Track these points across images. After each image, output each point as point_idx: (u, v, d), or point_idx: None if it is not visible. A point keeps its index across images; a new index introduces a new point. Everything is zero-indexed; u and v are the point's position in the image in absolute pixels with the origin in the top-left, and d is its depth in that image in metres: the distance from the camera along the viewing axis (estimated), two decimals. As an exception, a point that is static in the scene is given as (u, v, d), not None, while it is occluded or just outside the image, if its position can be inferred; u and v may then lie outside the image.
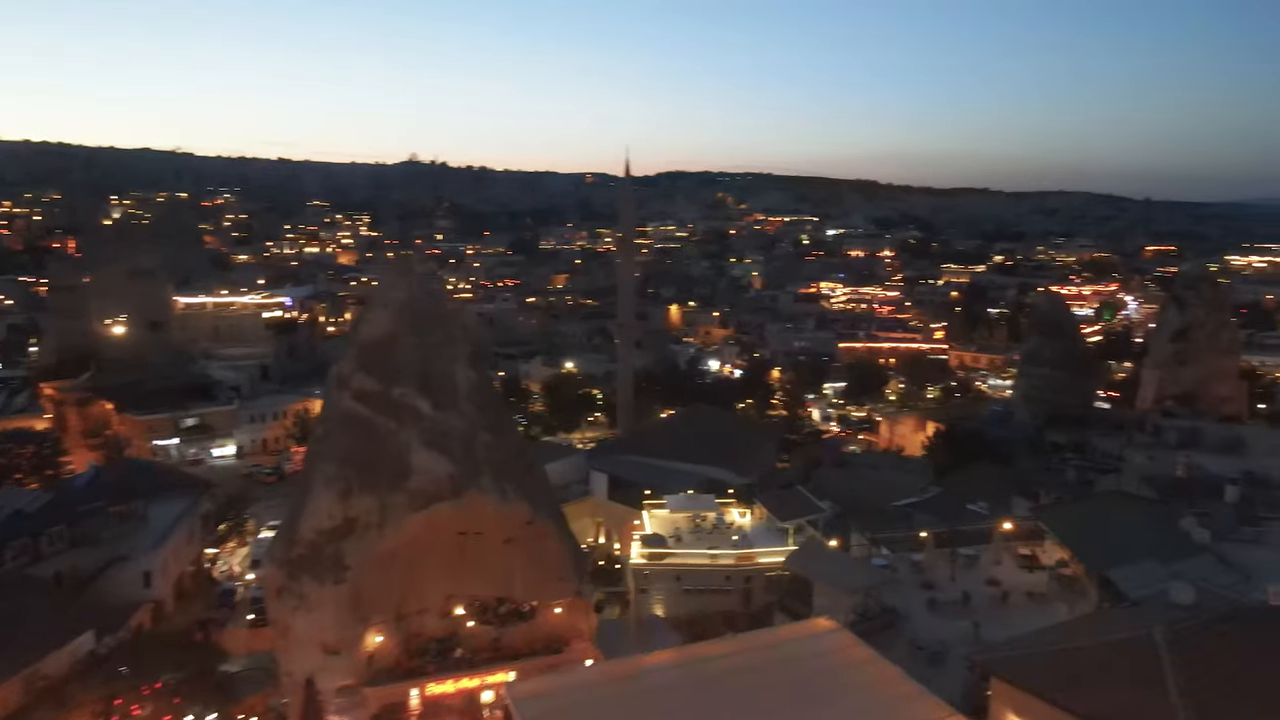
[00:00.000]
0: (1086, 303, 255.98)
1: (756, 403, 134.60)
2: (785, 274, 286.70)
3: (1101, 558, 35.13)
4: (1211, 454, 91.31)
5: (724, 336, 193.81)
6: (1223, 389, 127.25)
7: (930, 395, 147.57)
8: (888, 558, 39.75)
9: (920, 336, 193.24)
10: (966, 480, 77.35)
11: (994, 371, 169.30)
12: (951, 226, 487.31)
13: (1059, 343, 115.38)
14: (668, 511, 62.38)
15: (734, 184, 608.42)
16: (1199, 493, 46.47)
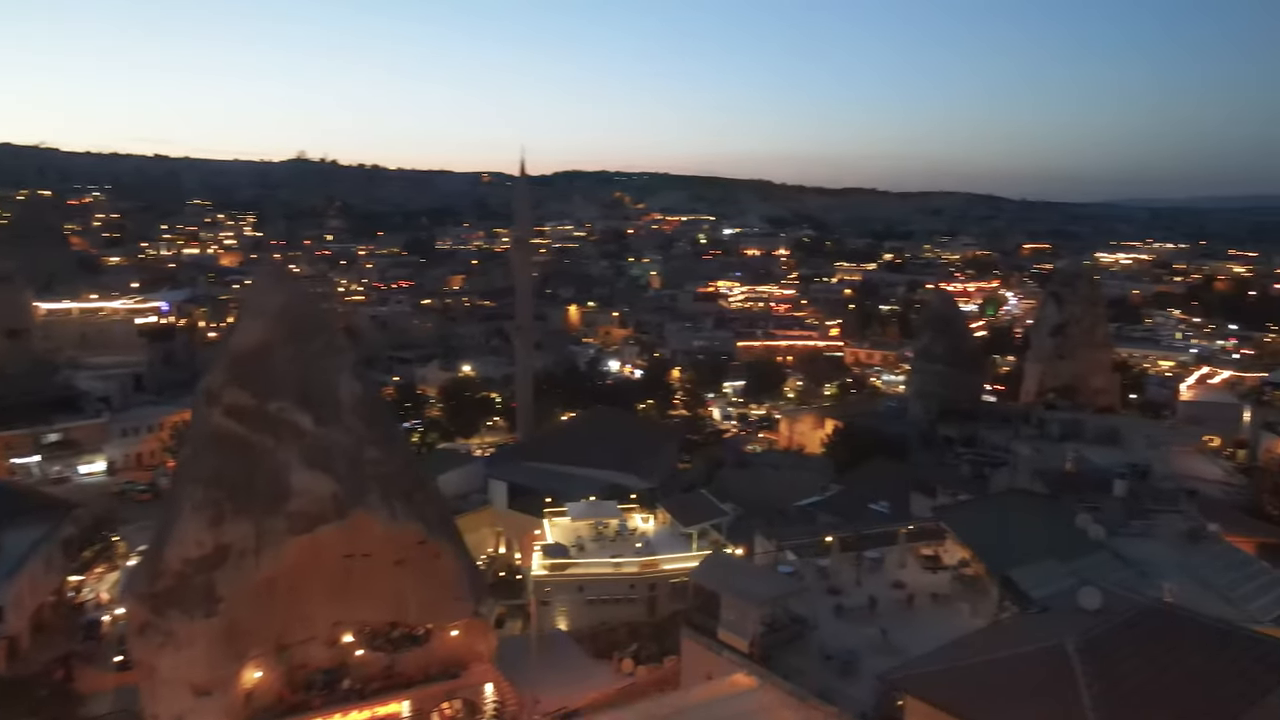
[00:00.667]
0: (971, 299, 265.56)
1: (658, 403, 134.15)
2: (683, 273, 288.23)
3: (1002, 557, 35.15)
4: (1092, 445, 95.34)
5: (624, 336, 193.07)
6: (1098, 381, 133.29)
7: (828, 392, 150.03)
8: (793, 564, 39.07)
9: (816, 334, 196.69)
10: (866, 477, 78.25)
11: (887, 367, 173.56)
12: (844, 225, 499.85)
13: (949, 339, 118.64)
14: (569, 520, 60.69)
15: (631, 183, 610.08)
16: (1088, 487, 47.62)
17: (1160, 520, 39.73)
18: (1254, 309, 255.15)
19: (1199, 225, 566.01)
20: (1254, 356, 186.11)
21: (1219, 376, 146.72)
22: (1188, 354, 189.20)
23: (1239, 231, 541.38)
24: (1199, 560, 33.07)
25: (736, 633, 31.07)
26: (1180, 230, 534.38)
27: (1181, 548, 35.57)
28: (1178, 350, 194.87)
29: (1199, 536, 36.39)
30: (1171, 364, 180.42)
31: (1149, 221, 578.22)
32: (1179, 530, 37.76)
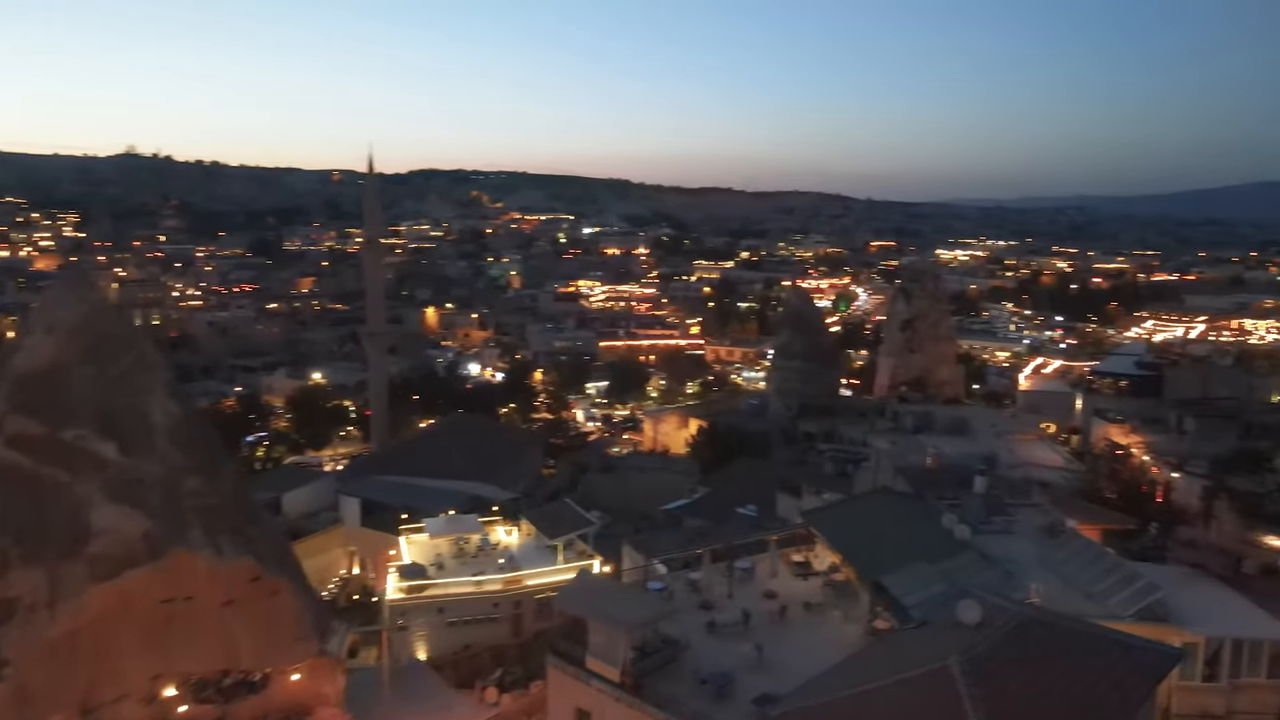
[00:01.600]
0: (824, 295, 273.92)
1: (520, 406, 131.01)
2: (544, 273, 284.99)
3: (872, 561, 34.53)
4: (943, 435, 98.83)
5: (484, 339, 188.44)
6: (944, 373, 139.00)
7: (690, 390, 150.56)
8: (664, 578, 37.40)
9: (677, 332, 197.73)
10: (732, 478, 77.95)
11: (748, 364, 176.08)
12: (701, 224, 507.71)
13: (807, 336, 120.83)
14: (427, 537, 57.23)
15: (489, 182, 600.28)
16: (948, 483, 48.21)
17: (1019, 516, 40.31)
18: (1076, 301, 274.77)
19: (1024, 224, 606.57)
20: (1078, 346, 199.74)
21: (1051, 366, 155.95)
22: (1021, 345, 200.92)
23: (1059, 229, 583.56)
24: (1059, 556, 33.43)
25: (606, 660, 29.02)
26: (1008, 228, 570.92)
27: (1041, 543, 36.01)
28: (1012, 341, 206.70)
29: (1057, 531, 37.01)
30: (1008, 354, 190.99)
31: (981, 220, 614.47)
32: (1038, 525, 38.38)
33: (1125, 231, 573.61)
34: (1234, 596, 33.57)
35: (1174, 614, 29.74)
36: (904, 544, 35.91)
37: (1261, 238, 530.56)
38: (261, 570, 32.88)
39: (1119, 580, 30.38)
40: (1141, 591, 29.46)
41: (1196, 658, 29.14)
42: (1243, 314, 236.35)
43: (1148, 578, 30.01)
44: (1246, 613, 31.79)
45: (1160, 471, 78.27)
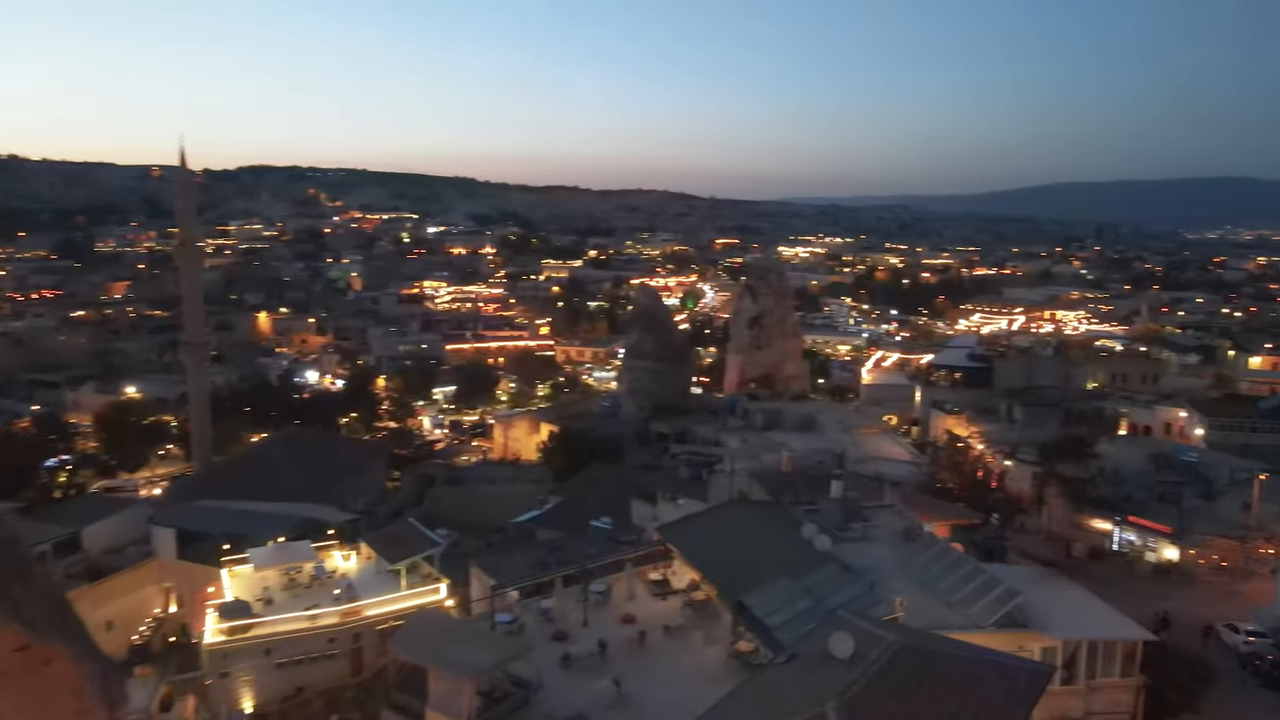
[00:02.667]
0: (672, 293, 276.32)
1: (362, 415, 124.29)
2: (386, 274, 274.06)
3: (732, 579, 32.99)
4: (793, 432, 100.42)
5: (322, 344, 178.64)
6: (791, 368, 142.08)
7: (541, 392, 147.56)
8: (514, 609, 34.63)
9: (527, 333, 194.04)
10: (585, 485, 75.65)
11: (598, 364, 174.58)
12: (548, 222, 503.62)
13: (657, 335, 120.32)
14: (252, 568, 51.94)
15: (327, 180, 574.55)
16: (804, 486, 47.65)
17: (876, 519, 39.89)
18: (908, 295, 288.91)
19: (857, 221, 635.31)
20: (912, 338, 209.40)
21: (890, 359, 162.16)
22: (861, 338, 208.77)
23: (889, 227, 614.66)
24: (919, 562, 32.93)
25: (448, 713, 26.02)
26: (843, 225, 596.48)
27: (899, 548, 35.54)
28: (852, 335, 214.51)
29: (914, 535, 36.69)
30: (849, 348, 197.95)
31: (817, 218, 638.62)
32: (895, 529, 37.99)
33: (948, 229, 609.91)
34: (1082, 594, 34.08)
35: (1032, 619, 29.60)
36: (764, 558, 34.56)
37: (1064, 234, 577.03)
38: (30, 638, 27.72)
39: (978, 587, 30.00)
40: (1001, 599, 29.14)
41: (1055, 661, 29.07)
42: (1054, 305, 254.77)
43: (1006, 583, 29.79)
44: (1097, 611, 32.22)
45: (995, 460, 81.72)
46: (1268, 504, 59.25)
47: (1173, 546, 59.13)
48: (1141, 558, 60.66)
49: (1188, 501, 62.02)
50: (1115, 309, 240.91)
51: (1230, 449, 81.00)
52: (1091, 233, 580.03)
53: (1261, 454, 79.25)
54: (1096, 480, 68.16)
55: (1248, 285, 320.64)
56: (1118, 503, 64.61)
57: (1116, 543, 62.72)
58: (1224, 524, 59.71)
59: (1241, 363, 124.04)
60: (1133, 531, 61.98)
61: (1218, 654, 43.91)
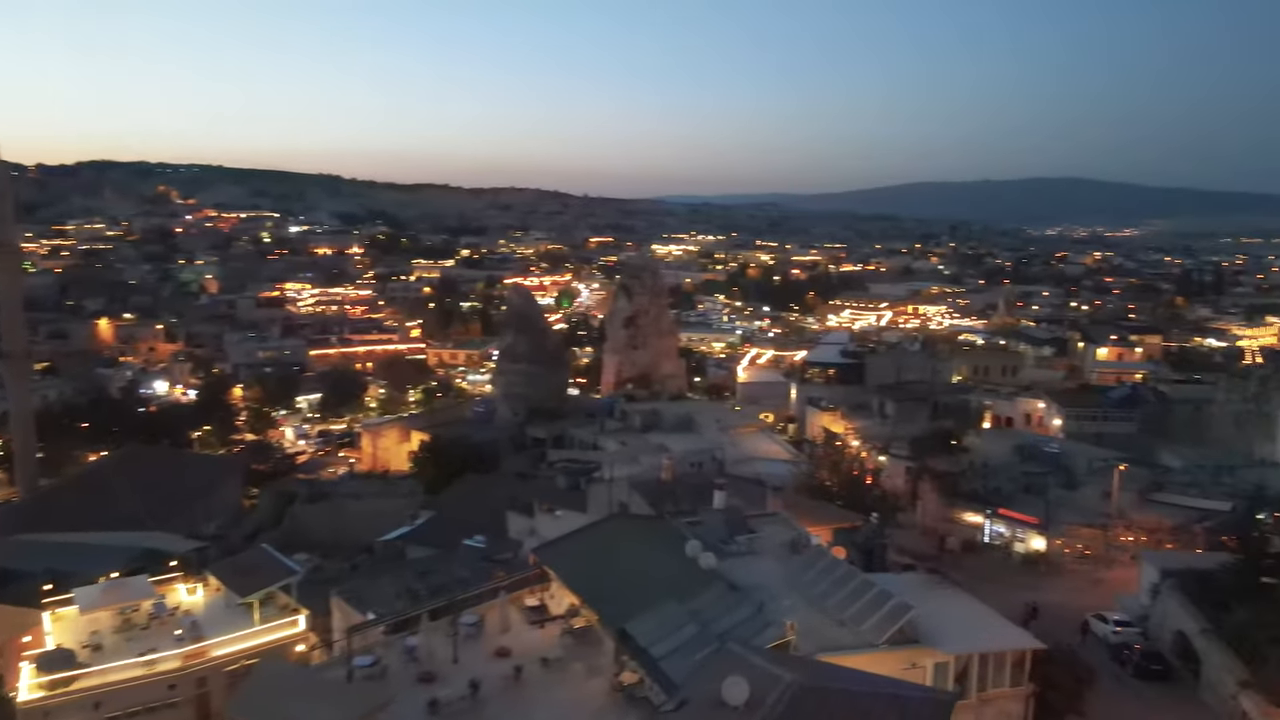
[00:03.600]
0: (547, 292, 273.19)
1: (217, 428, 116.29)
2: (245, 276, 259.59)
3: (614, 604, 30.88)
4: (671, 433, 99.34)
5: (173, 352, 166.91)
6: (668, 367, 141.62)
7: (412, 398, 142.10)
8: (375, 649, 31.46)
9: (397, 336, 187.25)
10: (459, 497, 72.23)
11: (472, 367, 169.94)
12: (418, 221, 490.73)
13: (531, 336, 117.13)
14: (78, 611, 46.47)
15: (178, 176, 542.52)
16: (686, 496, 46.03)
17: (761, 530, 38.57)
18: (780, 292, 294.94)
19: (729, 219, 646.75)
20: (785, 334, 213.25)
21: (764, 356, 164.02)
22: (735, 335, 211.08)
23: (760, 225, 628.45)
24: (807, 578, 31.67)
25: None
26: (715, 223, 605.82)
27: (786, 561, 34.23)
28: (726, 332, 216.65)
29: (800, 547, 35.48)
30: (724, 345, 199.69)
31: (690, 216, 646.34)
32: (781, 541, 36.71)
33: (816, 226, 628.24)
34: (968, 602, 33.65)
35: (924, 634, 28.70)
36: (647, 579, 32.59)
37: (922, 231, 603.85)
38: None
39: (869, 603, 28.89)
40: (892, 615, 28.10)
41: (948, 676, 28.27)
42: (917, 300, 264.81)
43: (896, 597, 28.80)
44: (984, 620, 31.77)
45: (870, 456, 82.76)
46: (1126, 492, 61.60)
47: (1040, 537, 60.72)
48: (1012, 549, 62.10)
49: (1052, 492, 63.89)
50: (972, 303, 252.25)
51: (1085, 438, 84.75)
52: (947, 230, 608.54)
53: (1112, 442, 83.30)
54: (967, 474, 69.61)
55: (1087, 279, 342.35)
56: (988, 495, 66.07)
57: (988, 535, 64.08)
58: (1086, 513, 61.76)
59: (1090, 354, 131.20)
60: (1003, 524, 63.42)
61: (1091, 647, 44.85)
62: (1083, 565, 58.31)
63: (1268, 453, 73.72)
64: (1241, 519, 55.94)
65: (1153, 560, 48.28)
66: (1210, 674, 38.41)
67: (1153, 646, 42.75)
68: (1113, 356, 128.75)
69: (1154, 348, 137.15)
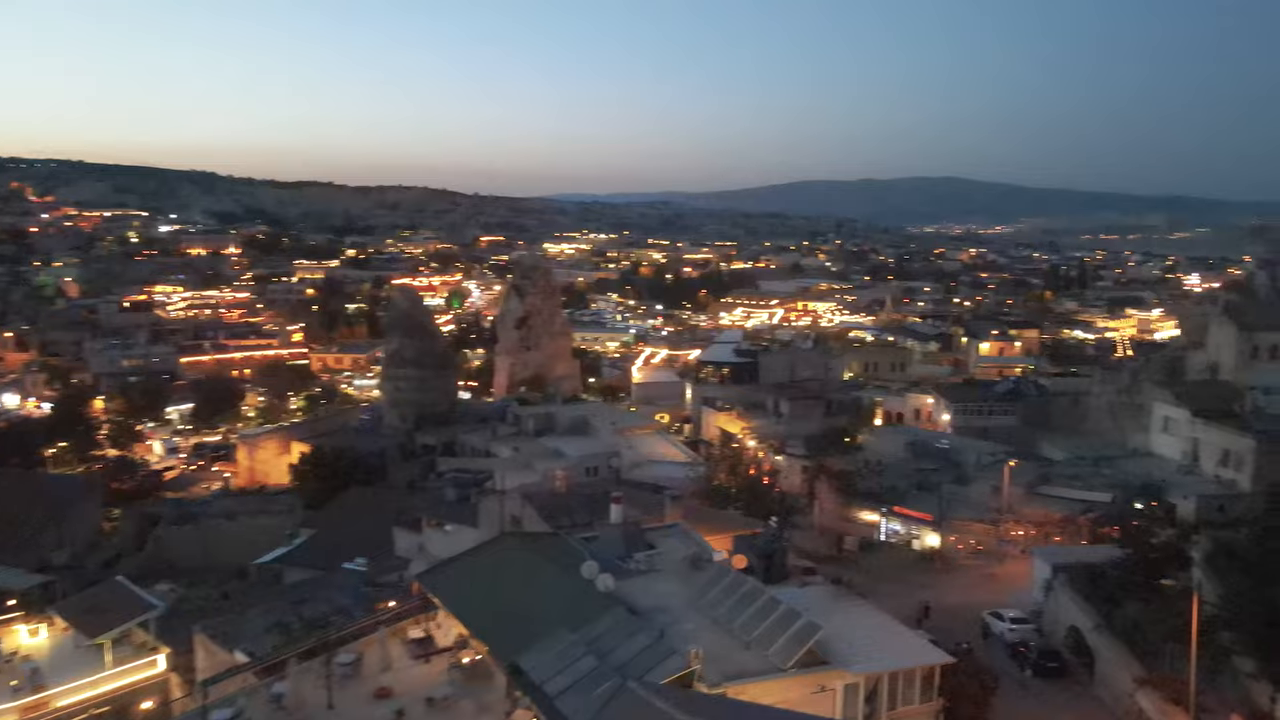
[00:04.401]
0: (436, 292, 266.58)
1: (75, 444, 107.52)
2: (109, 278, 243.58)
3: (506, 632, 28.68)
4: (566, 436, 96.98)
5: (24, 361, 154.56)
6: (562, 368, 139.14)
7: (294, 405, 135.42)
8: (236, 699, 28.28)
9: (277, 341, 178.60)
10: (342, 513, 68.15)
11: (359, 372, 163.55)
12: (301, 221, 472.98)
13: (419, 340, 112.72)
14: (-105, 664, 41.31)
15: (33, 172, 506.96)
16: (581, 508, 43.95)
17: (661, 543, 36.83)
18: (672, 290, 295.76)
19: (620, 218, 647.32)
20: (678, 333, 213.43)
21: (659, 355, 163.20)
22: (629, 334, 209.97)
23: (651, 223, 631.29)
24: (710, 597, 30.04)
25: None
26: (607, 222, 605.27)
27: (688, 579, 32.53)
28: (620, 331, 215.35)
29: (701, 563, 33.85)
30: (618, 344, 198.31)
31: (581, 215, 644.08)
32: (681, 557, 35.02)
33: (706, 224, 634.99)
34: (874, 614, 32.72)
35: (832, 653, 27.45)
36: (541, 605, 30.41)
37: (809, 228, 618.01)
38: None
39: (776, 623, 27.45)
40: (800, 636, 26.72)
41: (858, 698, 27.10)
42: (806, 297, 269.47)
43: (803, 617, 27.45)
44: (893, 635, 30.87)
45: (767, 456, 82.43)
46: (1014, 487, 62.67)
47: (934, 534, 61.17)
48: (908, 547, 62.40)
49: (945, 489, 64.53)
50: (859, 299, 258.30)
51: (972, 432, 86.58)
52: (833, 227, 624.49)
53: (997, 436, 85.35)
54: (862, 472, 69.77)
55: (964, 275, 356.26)
56: (883, 494, 66.33)
57: (884, 533, 64.26)
58: (978, 508, 62.57)
59: (974, 349, 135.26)
60: (898, 521, 63.71)
61: (990, 645, 44.94)
62: (976, 561, 58.95)
63: (1140, 442, 76.57)
64: (1123, 509, 57.48)
65: (1044, 556, 48.86)
66: (1105, 670, 38.75)
67: (1049, 644, 43.07)
68: (994, 351, 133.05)
69: (1032, 342, 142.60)
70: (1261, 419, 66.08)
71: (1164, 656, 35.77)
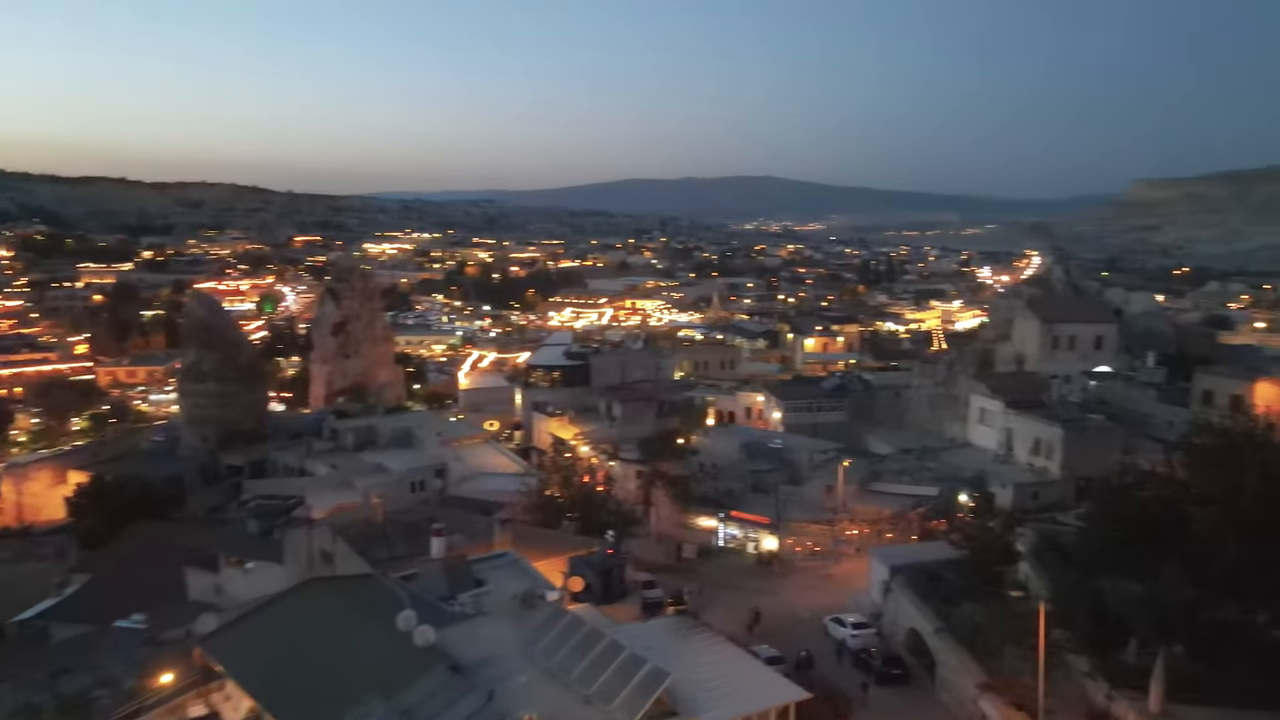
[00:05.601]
0: (246, 297, 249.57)
1: None
2: None
3: (305, 704, 24.39)
4: (388, 450, 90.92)
5: None
6: (384, 375, 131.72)
7: (77, 427, 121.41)
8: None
9: (56, 354, 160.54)
10: (127, 553, 60.01)
11: (154, 386, 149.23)
12: (87, 220, 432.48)
13: (220, 351, 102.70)
14: None
15: None
16: (401, 540, 39.55)
17: (490, 578, 33.27)
18: (499, 290, 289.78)
19: (444, 216, 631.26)
20: (507, 334, 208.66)
21: (487, 359, 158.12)
22: (456, 336, 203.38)
23: (476, 222, 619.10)
24: (545, 644, 26.84)
25: None
26: (430, 221, 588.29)
27: (519, 621, 29.11)
28: (447, 334, 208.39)
29: (533, 601, 30.51)
30: (444, 348, 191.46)
31: (403, 213, 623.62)
32: (513, 594, 31.56)
33: (531, 222, 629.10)
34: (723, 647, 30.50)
35: (681, 700, 24.90)
36: (349, 668, 26.30)
37: (634, 226, 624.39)
38: None
39: (618, 672, 24.65)
40: (645, 686, 24.02)
41: (710, 750, 24.71)
42: (634, 295, 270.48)
43: (649, 663, 24.75)
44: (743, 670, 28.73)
45: (601, 462, 79.91)
46: (847, 485, 63.00)
47: (772, 537, 60.51)
48: (746, 551, 61.50)
49: (780, 490, 64.13)
50: (685, 296, 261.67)
51: (802, 429, 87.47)
52: (658, 225, 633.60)
53: (826, 432, 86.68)
54: (698, 476, 68.49)
55: (784, 270, 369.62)
56: (720, 498, 65.25)
57: (722, 539, 63.14)
58: (812, 508, 62.52)
59: (799, 345, 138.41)
60: (736, 526, 62.72)
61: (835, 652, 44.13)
62: (814, 562, 58.68)
63: (958, 432, 79.49)
64: (949, 502, 58.66)
65: (881, 556, 48.76)
66: (946, 675, 38.47)
67: (891, 650, 42.62)
68: (819, 347, 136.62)
69: (853, 336, 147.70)
70: (1066, 408, 69.70)
71: (1004, 658, 35.64)
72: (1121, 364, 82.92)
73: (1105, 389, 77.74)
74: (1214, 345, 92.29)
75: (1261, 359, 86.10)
